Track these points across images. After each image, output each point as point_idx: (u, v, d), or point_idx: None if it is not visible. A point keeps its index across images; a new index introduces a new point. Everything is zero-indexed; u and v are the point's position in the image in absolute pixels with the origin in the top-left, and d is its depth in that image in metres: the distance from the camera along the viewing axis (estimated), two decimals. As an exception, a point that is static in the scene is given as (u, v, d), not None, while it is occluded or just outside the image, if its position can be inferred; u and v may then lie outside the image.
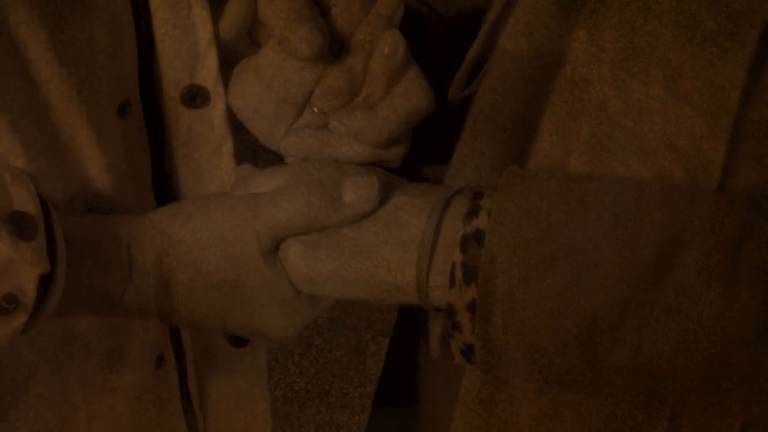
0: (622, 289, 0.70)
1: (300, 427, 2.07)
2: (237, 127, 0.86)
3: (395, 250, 0.75)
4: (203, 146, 0.86)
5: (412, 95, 0.82)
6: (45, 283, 0.72)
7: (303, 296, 0.79)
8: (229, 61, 0.86)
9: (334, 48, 0.82)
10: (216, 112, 0.85)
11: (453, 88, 0.85)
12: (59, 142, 0.78)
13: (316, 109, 0.83)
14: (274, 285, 0.78)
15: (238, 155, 0.88)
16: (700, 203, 0.70)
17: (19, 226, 0.71)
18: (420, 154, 0.86)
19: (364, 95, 0.82)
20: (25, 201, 0.72)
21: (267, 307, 0.79)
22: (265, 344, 0.96)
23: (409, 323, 0.93)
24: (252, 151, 0.88)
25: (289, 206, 0.77)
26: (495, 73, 0.79)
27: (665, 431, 0.74)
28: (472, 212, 0.74)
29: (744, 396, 0.70)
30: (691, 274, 0.69)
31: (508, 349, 0.72)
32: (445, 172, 0.82)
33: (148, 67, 0.84)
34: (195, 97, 0.84)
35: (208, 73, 0.84)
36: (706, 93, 0.71)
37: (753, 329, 0.68)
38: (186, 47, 0.83)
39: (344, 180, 0.77)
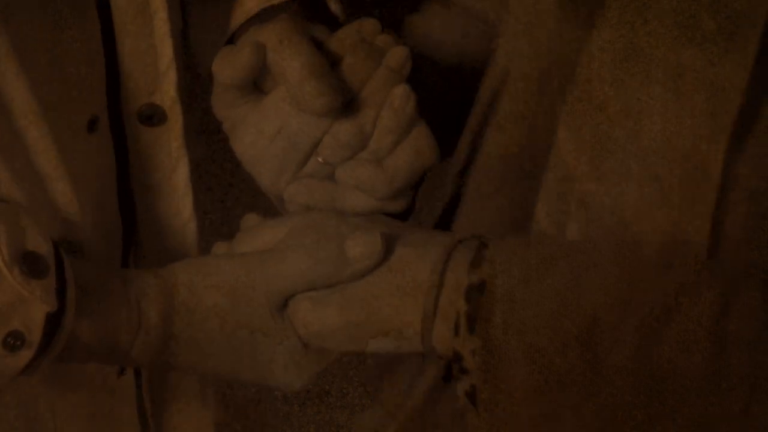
0: (622, 289, 0.69)
1: (300, 427, 2.06)
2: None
3: (400, 303, 0.76)
4: (159, 166, 0.86)
5: (419, 150, 0.82)
6: (52, 324, 0.73)
7: (311, 350, 0.80)
8: (199, 75, 0.85)
9: (344, 100, 0.82)
10: (172, 132, 0.85)
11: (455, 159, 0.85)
12: (34, 167, 0.78)
13: (321, 159, 0.83)
14: (282, 340, 0.79)
15: (194, 178, 0.88)
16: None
17: (31, 265, 0.72)
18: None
19: (372, 149, 0.82)
20: (38, 241, 0.73)
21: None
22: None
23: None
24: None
25: (295, 266, 0.78)
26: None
27: (665, 431, 0.74)
28: (476, 263, 0.75)
29: (744, 396, 0.70)
30: (691, 274, 0.69)
31: (508, 349, 0.72)
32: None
33: (113, 80, 0.83)
34: (151, 116, 0.84)
35: (166, 93, 0.84)
36: (706, 93, 0.71)
37: (753, 329, 0.68)
38: (149, 64, 0.83)
39: (348, 237, 0.77)
